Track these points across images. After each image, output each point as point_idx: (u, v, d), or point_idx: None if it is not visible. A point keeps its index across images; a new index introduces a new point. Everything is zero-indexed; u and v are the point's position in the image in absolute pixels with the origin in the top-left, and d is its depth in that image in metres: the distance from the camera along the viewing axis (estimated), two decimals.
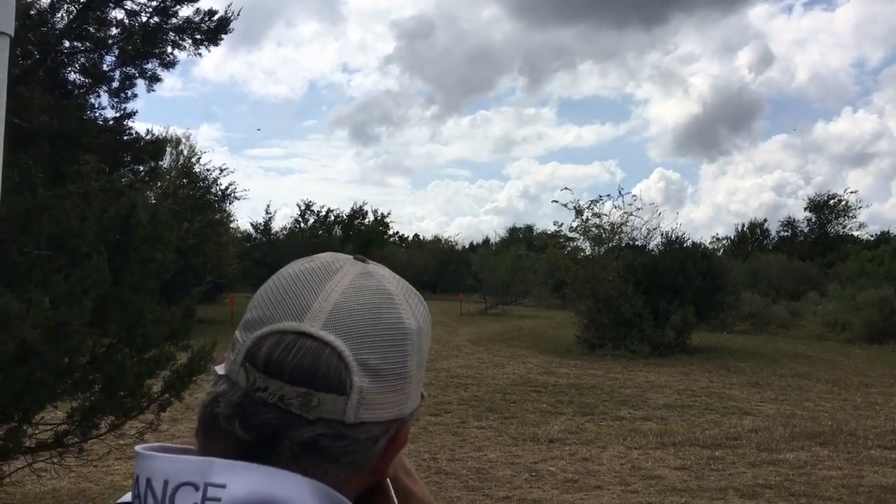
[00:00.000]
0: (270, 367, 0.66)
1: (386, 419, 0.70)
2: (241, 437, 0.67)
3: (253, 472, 0.64)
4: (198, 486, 0.63)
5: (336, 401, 0.67)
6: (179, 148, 26.81)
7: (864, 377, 14.60)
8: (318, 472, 0.68)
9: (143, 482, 0.66)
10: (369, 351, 0.69)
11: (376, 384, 0.69)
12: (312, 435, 0.67)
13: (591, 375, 14.39)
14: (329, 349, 0.67)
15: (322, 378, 0.66)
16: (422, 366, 0.75)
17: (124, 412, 3.74)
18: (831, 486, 6.99)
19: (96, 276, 3.16)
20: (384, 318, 0.71)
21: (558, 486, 6.95)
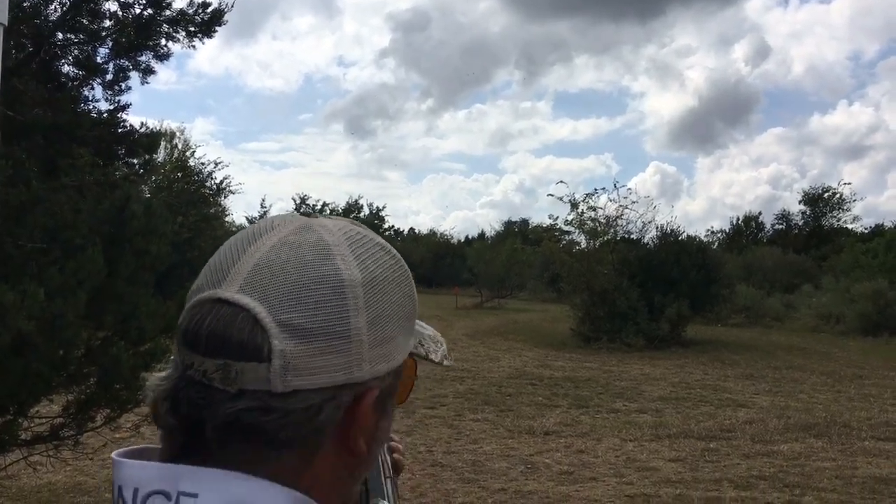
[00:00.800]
0: (188, 340, 0.62)
1: (326, 385, 0.62)
2: (170, 423, 0.63)
3: (227, 479, 0.60)
4: (170, 496, 0.60)
5: (257, 369, 0.60)
6: (174, 142, 26.79)
7: (859, 369, 14.66)
8: (258, 460, 0.62)
9: (117, 491, 0.62)
10: (292, 309, 0.62)
11: (305, 346, 0.62)
12: (234, 410, 0.60)
13: (586, 368, 14.42)
14: (243, 313, 0.61)
15: (237, 345, 0.61)
16: (382, 322, 0.66)
17: (120, 405, 3.74)
18: (825, 477, 7.03)
19: (91, 268, 3.15)
20: (312, 272, 0.63)
21: (553, 478, 6.97)
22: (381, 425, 0.69)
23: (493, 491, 6.53)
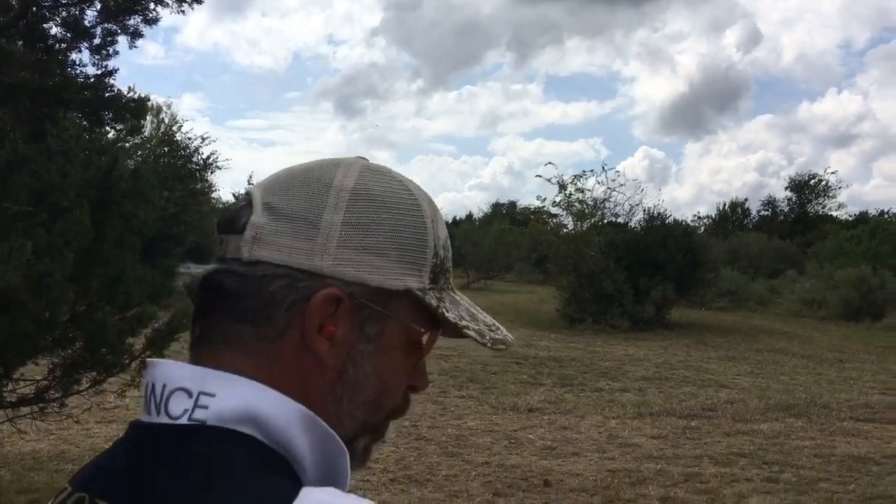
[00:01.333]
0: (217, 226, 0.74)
1: (285, 262, 0.68)
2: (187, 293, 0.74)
3: (246, 386, 0.66)
4: (191, 393, 0.65)
5: (237, 241, 0.69)
6: (160, 116, 26.55)
7: (839, 353, 14.83)
8: (229, 333, 0.68)
9: (149, 388, 0.68)
10: (276, 194, 0.70)
11: (275, 223, 0.69)
12: (211, 270, 0.70)
13: (571, 348, 14.52)
14: (246, 202, 0.71)
15: (229, 222, 0.71)
16: (361, 230, 0.69)
17: (105, 368, 3.74)
18: (804, 455, 7.14)
19: (78, 229, 3.14)
20: (310, 174, 0.71)
21: (536, 453, 7.05)
22: (359, 348, 0.70)
23: (477, 464, 6.59)
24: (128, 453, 0.67)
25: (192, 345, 0.72)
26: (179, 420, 0.65)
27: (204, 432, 0.64)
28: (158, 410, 0.66)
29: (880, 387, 11.08)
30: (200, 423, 0.64)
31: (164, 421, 0.65)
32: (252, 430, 0.64)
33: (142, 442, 0.66)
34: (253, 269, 0.68)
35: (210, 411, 0.64)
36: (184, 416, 0.65)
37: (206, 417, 0.64)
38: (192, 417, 0.64)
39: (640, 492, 5.98)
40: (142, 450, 0.66)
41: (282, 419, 0.65)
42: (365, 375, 0.71)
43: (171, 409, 0.65)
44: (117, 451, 0.69)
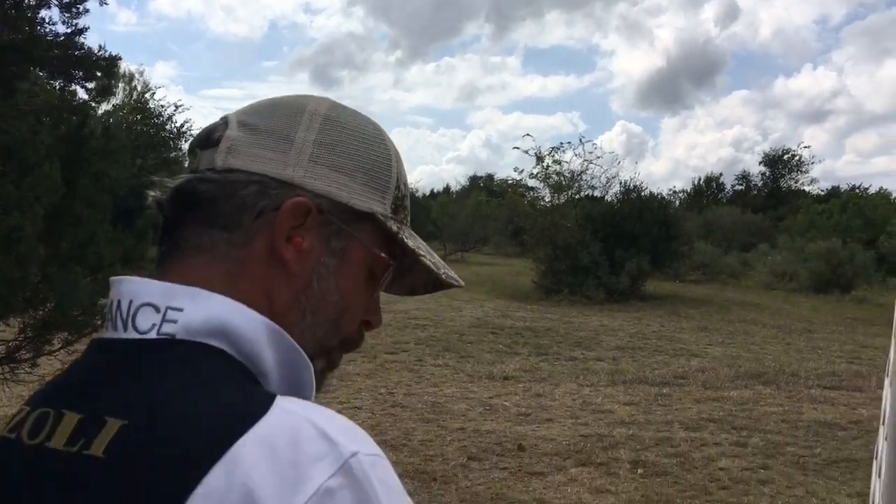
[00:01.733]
0: None
1: (258, 171, 0.71)
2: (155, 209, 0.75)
3: (213, 300, 0.66)
4: (159, 308, 0.65)
5: (211, 154, 0.73)
6: (133, 83, 26.12)
7: (809, 324, 15.08)
8: (200, 240, 0.70)
9: (114, 304, 0.68)
10: (252, 115, 0.75)
11: (250, 136, 0.72)
12: (183, 181, 0.72)
13: (546, 319, 14.62)
14: (222, 121, 0.75)
15: (204, 138, 0.75)
16: (331, 149, 0.73)
17: (77, 329, 3.72)
18: (772, 420, 7.28)
19: (48, 185, 3.11)
20: (282, 100, 0.76)
21: (511, 419, 7.12)
22: (325, 261, 0.73)
23: (452, 430, 6.65)
24: (93, 368, 0.67)
25: (159, 261, 0.73)
26: (148, 335, 0.65)
27: (174, 345, 0.64)
28: (125, 326, 0.66)
29: (847, 356, 11.30)
30: (170, 336, 0.64)
31: (132, 336, 0.65)
32: (221, 343, 0.65)
33: (109, 356, 0.66)
34: (226, 175, 0.71)
35: (179, 325, 0.65)
36: (152, 330, 0.65)
37: (175, 331, 0.65)
38: (161, 332, 0.65)
39: (613, 455, 6.08)
40: (110, 363, 0.65)
41: (249, 332, 0.66)
42: (329, 290, 0.73)
43: (139, 323, 0.65)
44: (80, 368, 0.69)
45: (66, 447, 0.61)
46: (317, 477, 0.55)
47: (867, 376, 9.37)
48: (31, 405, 0.69)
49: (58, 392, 0.68)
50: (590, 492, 5.29)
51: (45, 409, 0.66)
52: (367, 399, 7.57)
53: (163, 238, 0.74)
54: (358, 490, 0.56)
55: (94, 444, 0.60)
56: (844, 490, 5.46)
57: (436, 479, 5.39)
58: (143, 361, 0.64)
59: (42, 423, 0.65)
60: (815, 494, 5.35)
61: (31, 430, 0.65)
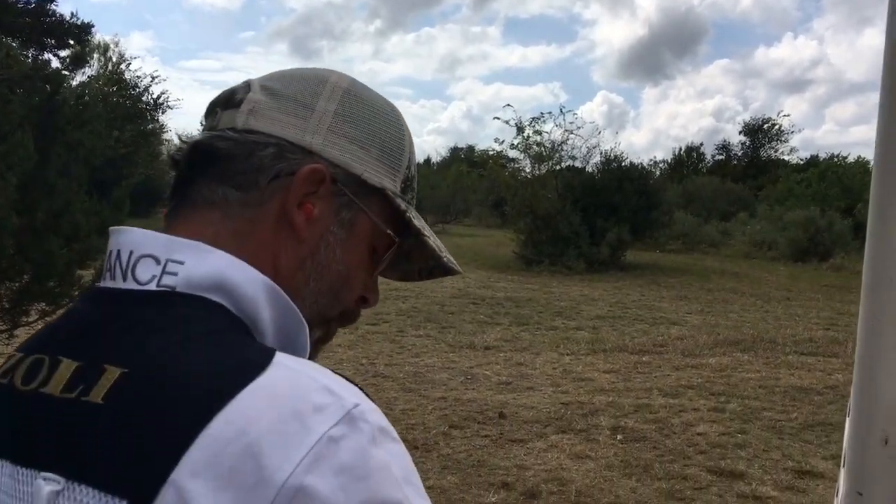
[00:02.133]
0: None
1: (277, 134, 0.72)
2: (170, 165, 0.76)
3: (214, 255, 0.66)
4: (159, 260, 0.65)
5: (232, 114, 0.73)
6: (108, 54, 25.68)
7: (787, 292, 15.25)
8: (213, 197, 0.70)
9: (113, 254, 0.68)
10: (275, 81, 0.76)
11: (272, 100, 0.73)
12: (202, 137, 0.73)
13: (527, 290, 14.68)
14: (244, 84, 0.76)
15: (225, 100, 0.75)
16: (350, 122, 0.75)
17: (54, 299, 3.68)
18: (749, 386, 7.38)
19: (21, 153, 3.05)
20: (304, 70, 0.77)
21: (492, 388, 7.18)
22: (333, 231, 0.74)
23: (434, 399, 6.69)
24: (90, 317, 0.66)
25: (167, 216, 0.73)
26: (147, 286, 0.65)
27: (174, 297, 0.64)
28: (125, 276, 0.66)
29: (824, 323, 11.45)
30: (169, 288, 0.64)
31: (132, 286, 0.65)
32: (220, 298, 0.65)
33: (107, 305, 0.66)
34: (246, 136, 0.71)
35: (179, 278, 0.64)
36: (152, 281, 0.65)
37: (175, 283, 0.64)
38: (161, 283, 0.65)
39: (592, 422, 6.14)
40: (108, 313, 0.65)
41: (249, 290, 0.66)
42: (334, 260, 0.74)
43: (139, 274, 0.65)
44: (76, 316, 0.68)
45: (62, 393, 0.61)
46: (319, 426, 0.56)
47: (843, 342, 9.50)
48: (25, 351, 0.68)
49: (53, 339, 0.67)
50: (570, 458, 5.35)
51: (39, 356, 0.65)
52: (349, 370, 7.59)
53: (174, 193, 0.74)
54: (360, 438, 0.56)
55: (94, 391, 0.59)
56: (820, 453, 5.56)
57: (417, 447, 5.43)
58: (142, 312, 0.64)
59: (36, 369, 0.64)
60: (792, 458, 5.44)
61: (24, 375, 0.64)
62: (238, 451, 0.54)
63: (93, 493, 0.56)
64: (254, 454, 0.54)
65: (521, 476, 4.98)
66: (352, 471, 0.55)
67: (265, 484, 0.53)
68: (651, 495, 4.75)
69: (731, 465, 5.26)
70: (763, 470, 5.20)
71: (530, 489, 4.76)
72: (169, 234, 0.68)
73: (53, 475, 0.58)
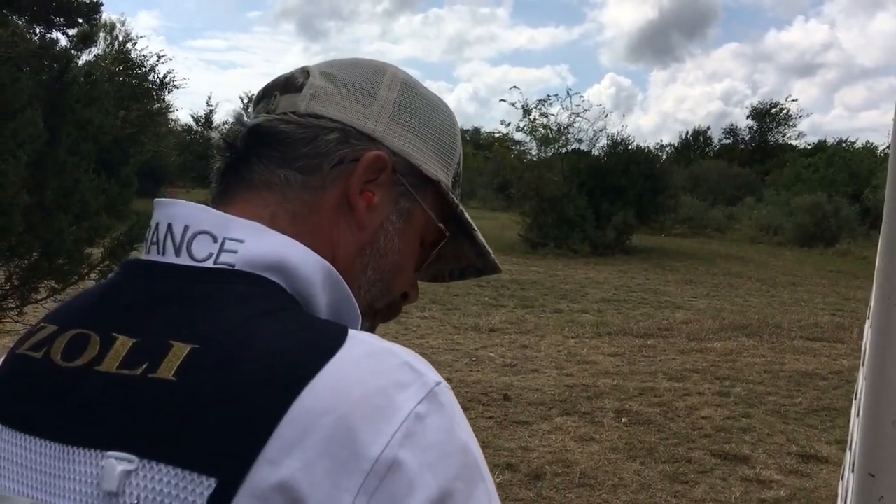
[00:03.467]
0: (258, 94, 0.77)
1: (341, 119, 0.71)
2: (220, 147, 0.73)
3: (271, 235, 0.65)
4: (216, 238, 0.64)
5: (292, 98, 0.72)
6: (114, 34, 25.59)
7: (793, 277, 15.24)
8: (271, 177, 0.70)
9: (164, 226, 0.65)
10: (334, 68, 0.75)
11: (335, 87, 0.73)
12: (263, 119, 0.71)
13: (532, 272, 14.69)
14: (301, 70, 0.75)
15: (284, 84, 0.74)
16: (410, 112, 0.75)
17: (63, 276, 3.69)
18: (754, 371, 7.40)
19: (31, 131, 3.05)
20: (362, 60, 0.77)
21: (497, 370, 7.20)
22: (392, 220, 0.73)
23: None
24: (143, 292, 0.63)
25: (217, 196, 0.72)
26: (205, 263, 0.63)
27: (234, 275, 0.63)
28: (178, 252, 0.64)
29: (830, 308, 11.45)
30: (229, 266, 0.63)
31: (187, 262, 0.63)
32: (277, 278, 0.64)
33: (161, 280, 0.63)
34: (310, 120, 0.71)
35: (239, 256, 0.63)
36: (209, 259, 0.63)
37: (234, 261, 0.63)
38: (219, 261, 0.63)
39: (597, 405, 6.17)
40: (164, 288, 0.63)
41: (308, 272, 0.65)
42: (391, 249, 0.74)
43: (195, 251, 0.63)
44: (122, 290, 0.65)
45: (121, 370, 0.58)
46: (407, 403, 0.56)
47: (849, 328, 9.51)
48: (58, 324, 0.65)
49: (98, 312, 0.64)
50: (574, 440, 5.37)
51: (81, 331, 0.62)
52: None
53: (224, 175, 0.73)
54: (444, 416, 0.57)
55: (162, 367, 0.57)
56: (824, 438, 5.57)
57: None
58: (203, 288, 0.62)
59: (81, 344, 0.61)
60: (796, 442, 5.46)
61: (65, 351, 0.61)
62: (330, 424, 0.53)
63: (173, 472, 0.54)
64: (347, 427, 0.54)
65: (525, 458, 5.01)
66: (439, 448, 0.56)
67: (360, 457, 0.53)
68: (655, 478, 4.77)
69: (735, 448, 5.28)
70: (767, 454, 5.22)
71: (535, 471, 4.79)
72: (224, 212, 0.66)
73: (125, 454, 0.55)
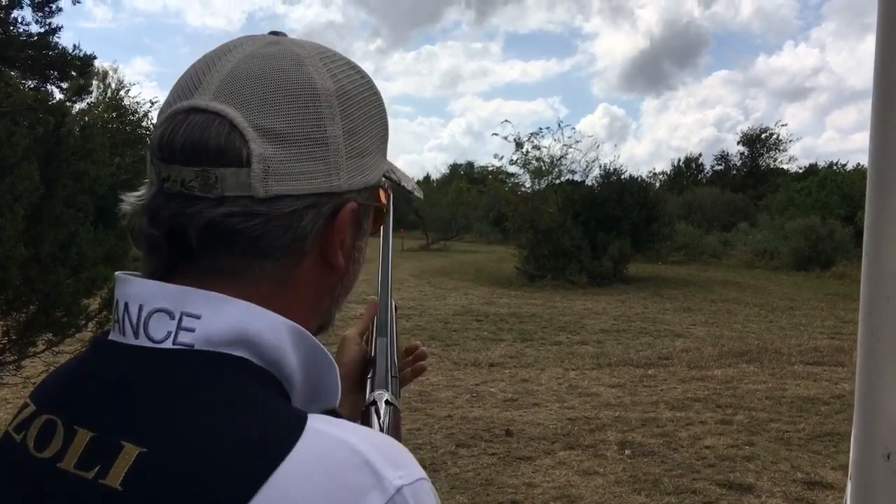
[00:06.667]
0: (164, 150, 0.62)
1: (307, 192, 0.63)
2: (153, 236, 0.63)
3: (230, 305, 0.61)
4: (173, 315, 0.61)
5: (238, 174, 0.61)
6: (107, 81, 25.83)
7: (790, 301, 15.24)
8: (245, 270, 0.63)
9: (122, 306, 0.63)
10: (268, 115, 0.62)
11: (284, 151, 0.62)
12: (218, 214, 0.61)
13: (530, 305, 14.68)
14: (218, 119, 0.61)
15: (215, 151, 0.61)
16: (357, 135, 0.67)
17: (61, 329, 3.70)
18: (756, 398, 7.37)
19: (27, 184, 3.08)
20: (286, 80, 0.63)
21: (498, 405, 7.17)
22: (358, 245, 0.71)
23: (440, 418, 6.69)
24: (103, 376, 0.62)
25: (162, 275, 0.64)
26: (163, 344, 0.60)
27: (194, 357, 0.60)
28: (136, 333, 0.61)
29: (829, 332, 11.44)
30: (188, 347, 0.60)
31: (145, 344, 0.61)
32: (243, 352, 0.61)
33: (122, 364, 0.61)
34: (276, 207, 0.62)
35: (197, 335, 0.60)
36: (167, 339, 0.60)
37: (192, 341, 0.60)
38: (178, 341, 0.60)
39: (600, 437, 6.13)
40: (122, 373, 0.61)
41: (273, 338, 0.62)
42: (359, 268, 0.73)
43: (152, 331, 0.61)
44: (87, 372, 0.64)
45: (78, 470, 0.57)
46: None
47: (848, 351, 9.49)
48: (37, 404, 0.65)
49: (65, 397, 0.63)
50: (578, 474, 5.34)
51: (51, 417, 0.62)
52: None
53: (172, 262, 0.64)
54: None
55: (111, 473, 0.55)
56: (829, 463, 5.54)
57: (425, 466, 5.32)
58: (159, 375, 0.59)
59: (49, 433, 0.61)
60: (800, 469, 5.43)
61: (38, 439, 0.61)
62: None
63: None
64: None
65: (529, 494, 4.97)
66: None
67: None
68: None
69: (739, 478, 5.24)
70: (772, 482, 5.19)
71: None
72: (177, 283, 0.62)
73: None
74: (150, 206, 0.63)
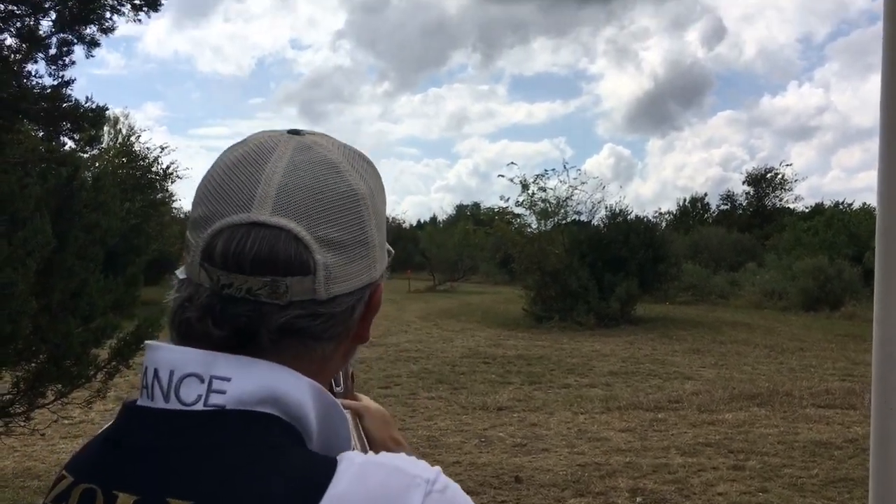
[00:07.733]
0: (229, 262, 0.66)
1: (358, 287, 0.71)
2: (216, 335, 0.67)
3: (257, 367, 0.66)
4: (203, 378, 0.65)
5: (303, 282, 0.67)
6: (118, 127, 26.15)
7: (800, 342, 15.13)
8: (303, 352, 0.70)
9: (151, 372, 0.67)
10: (326, 226, 0.68)
11: (341, 257, 0.69)
12: (288, 318, 0.67)
13: (538, 347, 14.61)
14: (284, 233, 0.67)
15: (284, 263, 0.66)
16: (381, 226, 0.75)
17: (70, 380, 3.69)
18: (768, 442, 7.28)
19: (40, 239, 3.10)
20: (333, 190, 0.70)
21: (507, 451, 7.10)
22: (369, 317, 0.77)
23: (448, 464, 6.61)
24: (138, 441, 0.65)
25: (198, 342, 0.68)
26: (194, 406, 0.64)
27: (226, 416, 0.64)
28: (167, 398, 0.65)
29: (840, 373, 11.34)
30: (219, 408, 0.64)
31: (176, 407, 0.65)
32: (271, 409, 0.66)
33: (155, 428, 0.65)
34: (335, 306, 0.70)
35: (228, 396, 0.65)
36: (198, 402, 0.64)
37: (224, 402, 0.64)
38: (209, 403, 0.64)
39: (610, 484, 6.06)
40: (157, 437, 0.64)
41: (297, 395, 0.67)
42: (368, 329, 0.79)
43: (183, 395, 0.65)
44: (122, 438, 0.67)
45: None
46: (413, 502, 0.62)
47: (860, 393, 9.38)
48: (74, 475, 0.67)
49: (101, 465, 0.66)
50: None
51: (89, 486, 0.64)
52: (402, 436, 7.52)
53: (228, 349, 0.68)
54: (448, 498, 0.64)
55: None
56: None
57: None
58: (194, 436, 0.63)
59: (89, 501, 0.63)
60: None
61: None
62: None
63: None
64: None
65: None
66: None
67: None
68: None
69: None
70: None
71: None
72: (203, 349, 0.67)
73: None
74: (211, 308, 0.67)
